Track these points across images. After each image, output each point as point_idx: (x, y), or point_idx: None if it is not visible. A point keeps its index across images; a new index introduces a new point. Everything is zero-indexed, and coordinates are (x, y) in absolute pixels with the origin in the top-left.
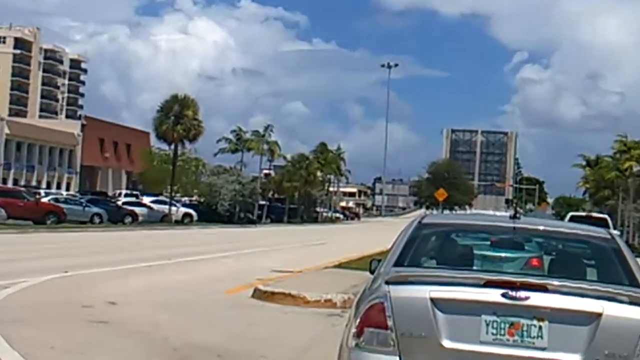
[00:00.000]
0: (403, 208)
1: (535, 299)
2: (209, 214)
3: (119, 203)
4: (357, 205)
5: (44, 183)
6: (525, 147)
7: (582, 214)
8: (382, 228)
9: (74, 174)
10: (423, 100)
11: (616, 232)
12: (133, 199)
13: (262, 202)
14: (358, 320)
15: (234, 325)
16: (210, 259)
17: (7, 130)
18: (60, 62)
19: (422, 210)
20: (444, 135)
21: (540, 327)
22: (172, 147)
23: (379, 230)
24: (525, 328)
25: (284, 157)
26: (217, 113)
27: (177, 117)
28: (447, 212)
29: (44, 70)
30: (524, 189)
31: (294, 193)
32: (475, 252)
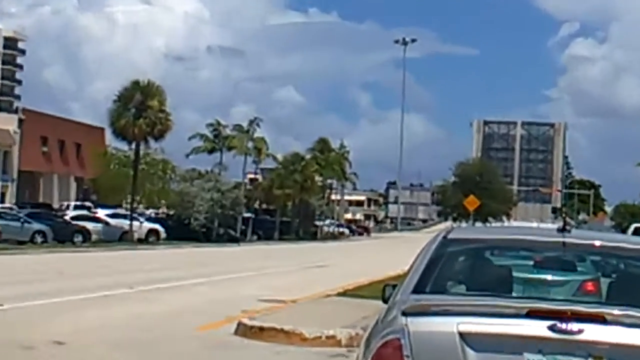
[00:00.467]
0: (424, 220)
1: (591, 332)
2: (180, 230)
3: (67, 218)
4: (367, 217)
5: None
6: (577, 142)
7: None
8: (398, 245)
9: (9, 181)
10: (448, 85)
11: None
12: (84, 213)
13: (246, 215)
14: None
15: None
16: (182, 286)
17: None
18: None
19: (448, 223)
20: (475, 128)
21: None
22: (134, 146)
23: (394, 248)
24: None
25: (274, 158)
26: (189, 103)
27: (139, 108)
28: (479, 224)
29: None
30: (576, 195)
31: (287, 203)
32: (515, 274)
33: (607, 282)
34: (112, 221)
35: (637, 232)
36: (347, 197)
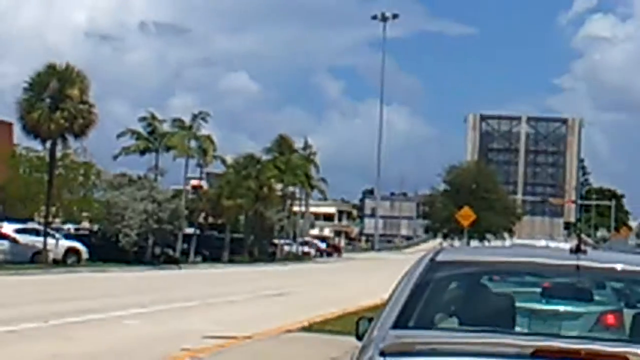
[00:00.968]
0: (408, 237)
1: None
2: (106, 250)
3: None
4: (337, 233)
5: None
6: (595, 142)
7: None
8: (376, 269)
9: None
10: (438, 71)
11: None
12: None
13: (189, 231)
14: None
15: None
16: (108, 319)
17: None
18: None
19: (438, 241)
20: (470, 124)
21: None
22: (49, 145)
23: (371, 272)
24: None
25: (223, 161)
26: (118, 92)
27: (56, 98)
28: (474, 243)
29: None
30: (594, 207)
31: (239, 216)
32: (519, 304)
33: (632, 315)
34: (21, 238)
35: None
36: (313, 208)
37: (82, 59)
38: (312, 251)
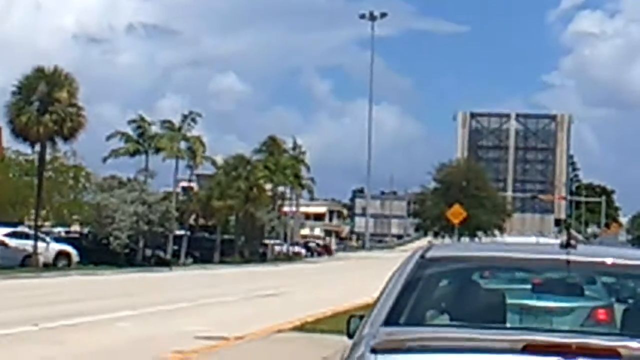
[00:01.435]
0: (398, 236)
1: None
2: (97, 252)
3: None
4: (328, 233)
5: None
6: (585, 139)
7: None
8: (367, 268)
9: None
10: (427, 70)
11: None
12: None
13: (179, 232)
14: None
15: None
16: (99, 321)
17: None
18: None
19: (429, 239)
20: (460, 122)
21: None
22: (38, 148)
23: (362, 270)
24: None
25: (213, 162)
26: (107, 95)
27: (45, 101)
28: (465, 240)
29: None
30: (584, 204)
31: (229, 217)
32: (509, 300)
33: (622, 309)
34: (11, 242)
35: None
36: (303, 208)
37: (70, 62)
38: (302, 251)
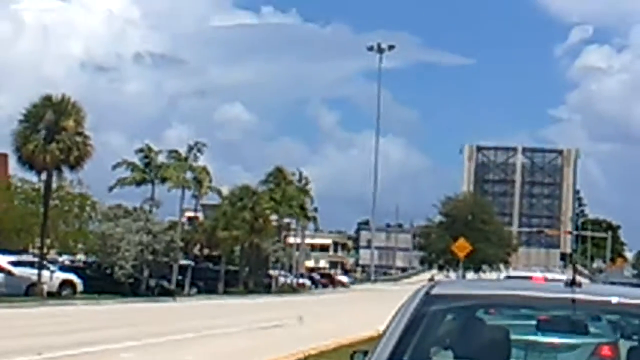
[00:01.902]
0: (403, 269)
1: None
2: (101, 282)
3: None
4: (333, 264)
5: None
6: (591, 174)
7: None
8: (372, 300)
9: None
10: (433, 102)
11: None
12: None
13: (184, 262)
14: None
15: None
16: (103, 351)
17: None
18: None
19: (433, 272)
20: (466, 155)
21: None
22: (44, 177)
23: (367, 303)
24: None
25: (218, 192)
26: (114, 123)
27: (51, 130)
28: (470, 275)
29: None
30: (590, 238)
31: (234, 247)
32: (514, 337)
33: (628, 347)
34: (16, 270)
35: None
36: (308, 240)
37: (77, 90)
38: (307, 283)
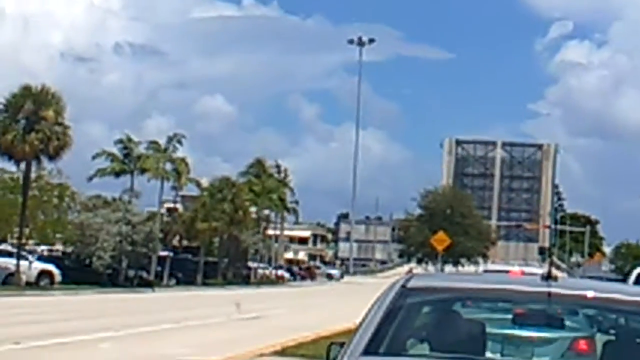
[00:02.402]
0: (382, 262)
1: None
2: (80, 272)
3: None
4: (312, 257)
5: None
6: (570, 168)
7: None
8: (351, 293)
9: None
10: (414, 96)
11: None
12: None
13: (163, 253)
14: None
15: None
16: (81, 342)
17: None
18: None
19: (411, 266)
20: (446, 149)
21: None
22: (23, 166)
23: (346, 296)
24: None
25: (198, 184)
26: (93, 114)
27: (31, 120)
28: (449, 268)
29: None
30: (568, 233)
31: (213, 239)
32: (490, 330)
33: (604, 341)
34: None
35: None
36: (287, 232)
37: (57, 80)
38: (286, 275)
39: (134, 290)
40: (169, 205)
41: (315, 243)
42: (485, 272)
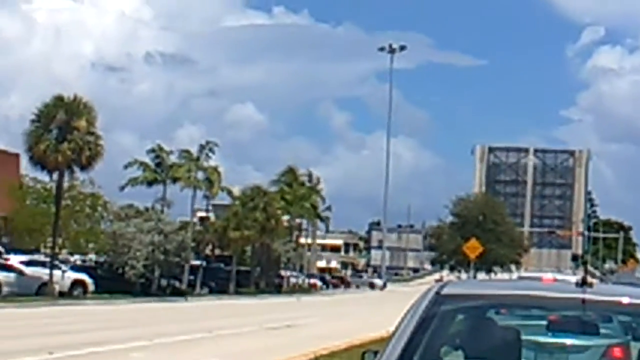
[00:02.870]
0: (415, 270)
1: None
2: (113, 282)
3: None
4: (344, 265)
5: None
6: (603, 174)
7: None
8: (383, 300)
9: None
10: (445, 103)
11: None
12: None
13: (195, 262)
14: None
15: None
16: (113, 351)
17: None
18: None
19: (442, 274)
20: (478, 156)
21: None
22: (56, 176)
23: (378, 303)
24: None
25: (229, 192)
26: (125, 123)
27: (63, 130)
28: (481, 276)
29: None
30: (601, 239)
31: (245, 247)
32: (525, 337)
33: (639, 348)
34: (27, 270)
35: None
36: (320, 240)
37: (88, 90)
38: (319, 283)
39: (167, 300)
40: (201, 214)
41: (347, 251)
42: (520, 278)
